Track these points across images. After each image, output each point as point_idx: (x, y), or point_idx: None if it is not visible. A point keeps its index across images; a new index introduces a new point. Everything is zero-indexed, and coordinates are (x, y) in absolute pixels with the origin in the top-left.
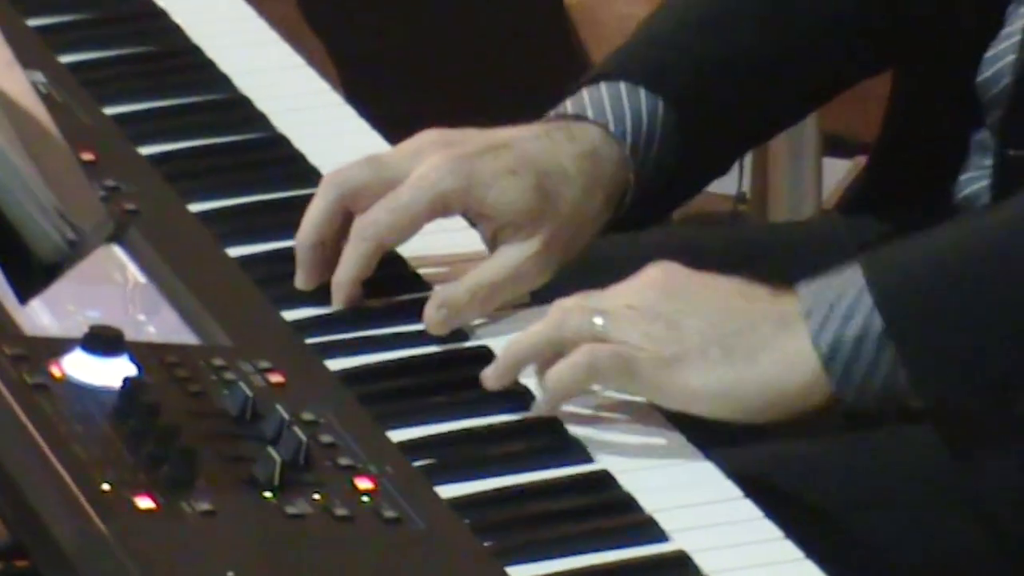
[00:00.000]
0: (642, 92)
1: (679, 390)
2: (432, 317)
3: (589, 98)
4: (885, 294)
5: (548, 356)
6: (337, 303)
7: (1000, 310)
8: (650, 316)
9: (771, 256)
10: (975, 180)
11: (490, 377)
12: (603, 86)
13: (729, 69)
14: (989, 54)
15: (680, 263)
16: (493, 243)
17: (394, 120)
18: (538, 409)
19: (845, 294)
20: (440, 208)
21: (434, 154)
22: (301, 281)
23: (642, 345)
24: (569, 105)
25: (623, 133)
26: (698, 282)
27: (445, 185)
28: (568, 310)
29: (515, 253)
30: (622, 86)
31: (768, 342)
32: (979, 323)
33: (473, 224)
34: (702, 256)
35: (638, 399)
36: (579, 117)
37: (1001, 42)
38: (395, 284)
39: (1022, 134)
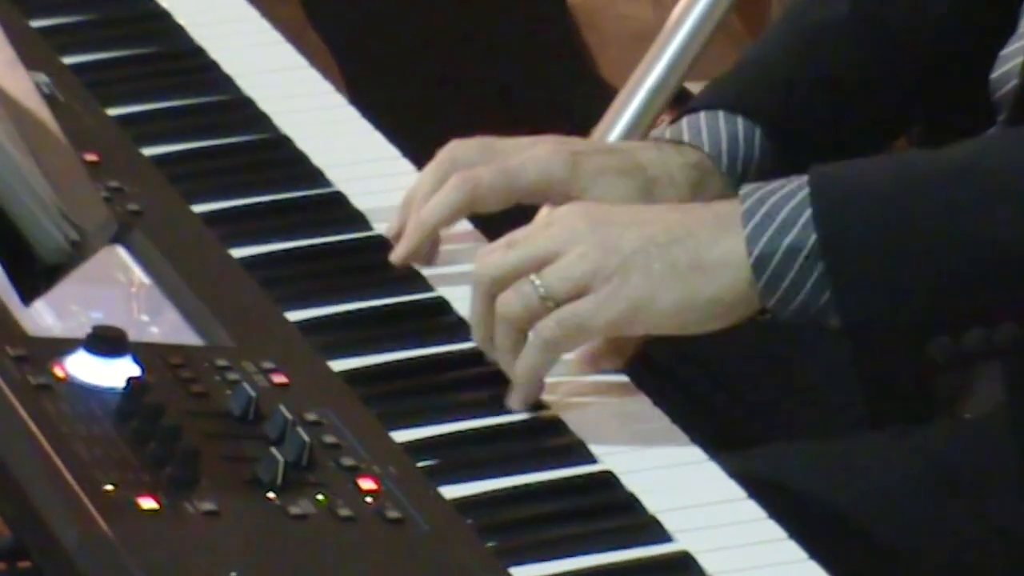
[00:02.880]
0: (740, 120)
1: (632, 322)
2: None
3: (687, 125)
4: (826, 210)
5: (520, 341)
6: (408, 242)
7: (937, 248)
8: (582, 255)
9: None
10: None
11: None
12: (702, 115)
13: (820, 91)
14: (1004, 51)
15: None
16: None
17: (398, 121)
18: (519, 403)
19: (785, 204)
20: (542, 190)
21: (549, 145)
22: (399, 255)
23: (586, 288)
24: (667, 132)
25: (718, 155)
26: (624, 209)
27: (554, 172)
28: (503, 297)
29: None
30: (720, 115)
31: (708, 248)
32: (914, 258)
33: None
34: None
35: (639, 399)
36: (680, 142)
37: (1015, 41)
38: (400, 285)
39: None
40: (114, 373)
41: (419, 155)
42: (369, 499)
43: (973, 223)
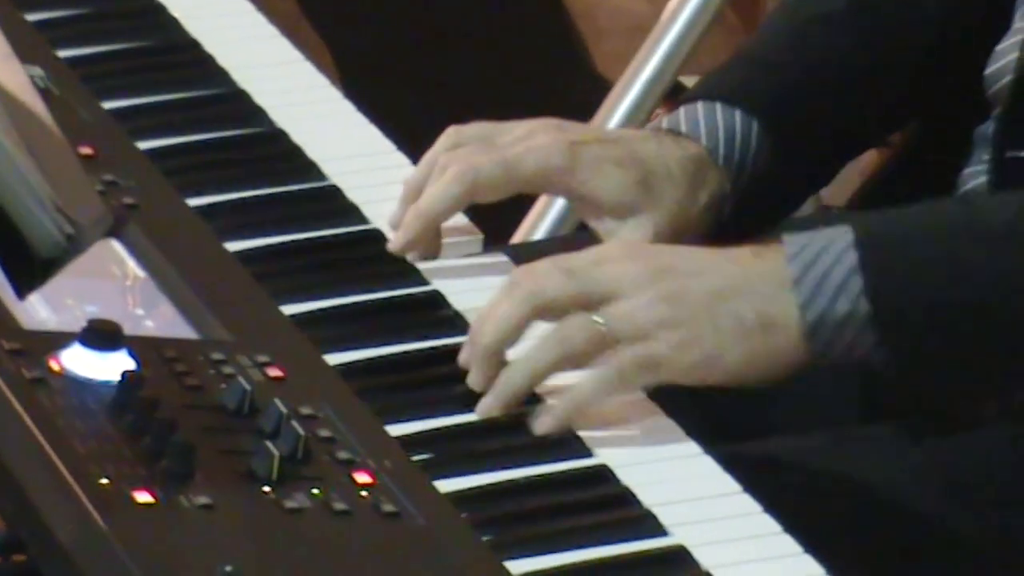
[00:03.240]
0: (737, 113)
1: (701, 372)
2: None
3: (685, 115)
4: (877, 279)
5: (558, 366)
6: (407, 232)
7: (990, 317)
8: (649, 301)
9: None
10: (977, 175)
11: (494, 407)
12: (699, 106)
13: (815, 82)
14: (999, 47)
15: None
16: (595, 232)
17: (393, 114)
18: (550, 428)
19: (835, 269)
20: (541, 180)
21: (548, 135)
22: (394, 243)
23: (653, 336)
24: (665, 121)
25: (715, 147)
26: (673, 251)
27: (553, 162)
28: (565, 325)
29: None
30: (718, 107)
31: (769, 305)
32: (968, 330)
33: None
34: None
35: (634, 393)
36: (678, 133)
37: (1010, 37)
38: (395, 279)
39: (1020, 135)
40: (109, 367)
41: (414, 149)
42: (364, 493)
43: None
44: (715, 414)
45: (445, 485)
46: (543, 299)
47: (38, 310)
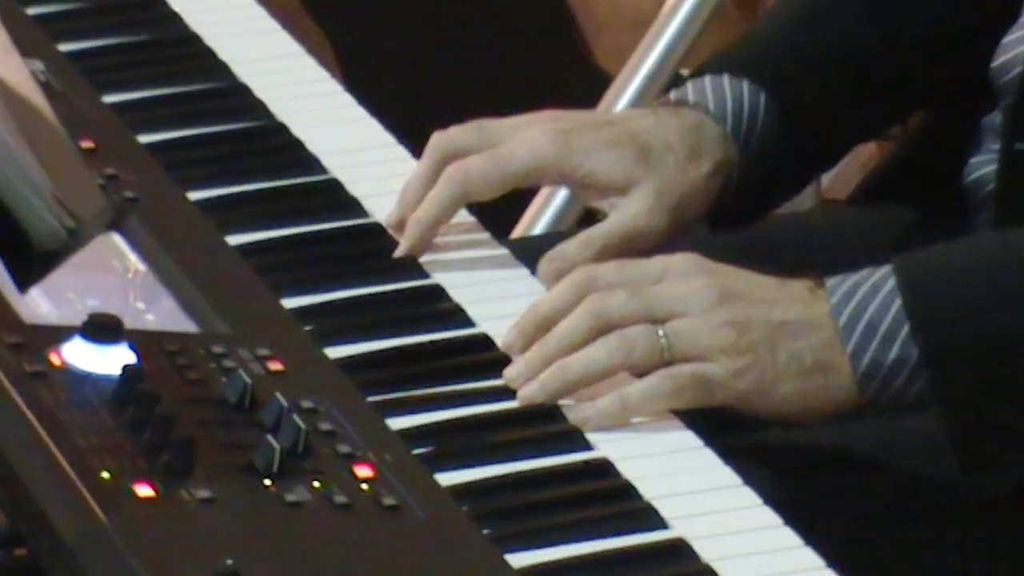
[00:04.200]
0: (745, 83)
1: (751, 403)
2: (545, 270)
3: (692, 88)
4: (925, 325)
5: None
6: (408, 241)
7: None
8: (714, 324)
9: (774, 244)
10: (984, 164)
11: (529, 394)
12: (707, 78)
13: (824, 57)
14: (1006, 40)
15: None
16: (602, 212)
17: (393, 107)
18: (600, 420)
19: (882, 317)
20: (535, 171)
21: (539, 126)
22: (401, 248)
23: (713, 358)
24: (672, 94)
25: (723, 115)
26: (741, 277)
27: (544, 153)
28: (629, 333)
29: (624, 211)
30: (725, 78)
31: (828, 349)
32: (1017, 367)
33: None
34: (708, 243)
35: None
36: (682, 103)
37: (1016, 30)
38: (396, 272)
39: None
40: (110, 360)
41: (415, 142)
42: (365, 486)
43: None
44: (714, 407)
45: (446, 478)
46: (607, 319)
47: (39, 304)
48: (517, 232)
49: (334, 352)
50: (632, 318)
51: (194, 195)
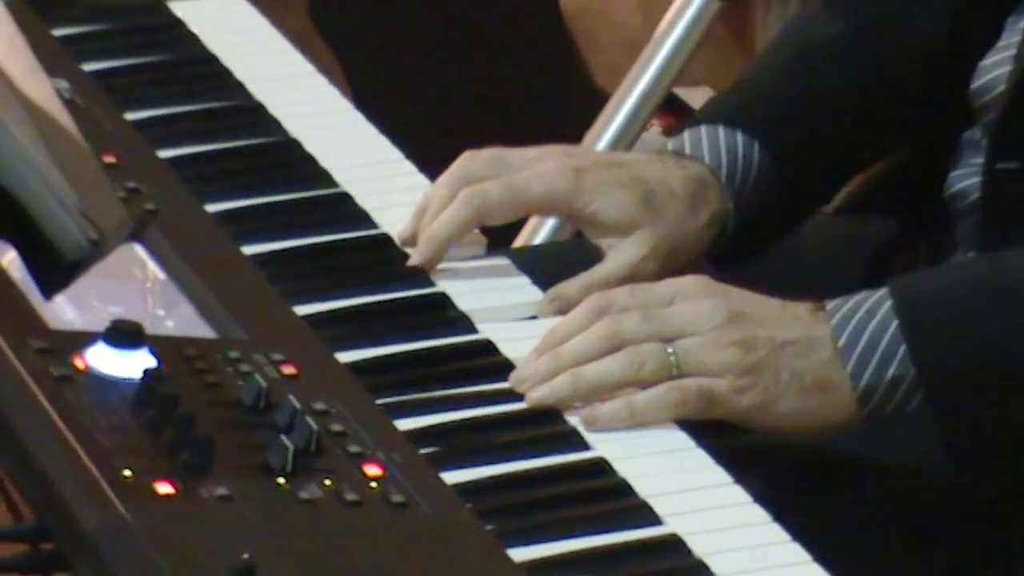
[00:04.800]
0: (739, 134)
1: (753, 418)
2: (547, 308)
3: (689, 138)
4: (921, 345)
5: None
6: (421, 254)
7: None
8: (721, 343)
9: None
10: (964, 177)
11: (541, 396)
12: (703, 128)
13: (812, 104)
14: (985, 62)
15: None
16: (602, 249)
17: (401, 124)
18: (608, 423)
19: (880, 337)
20: (546, 204)
21: (554, 160)
22: (415, 259)
23: (719, 375)
24: (670, 144)
25: (719, 166)
26: (746, 298)
27: (557, 187)
28: (641, 349)
29: (622, 255)
30: (720, 129)
31: (829, 369)
32: (1011, 384)
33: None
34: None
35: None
36: (681, 155)
37: (997, 53)
38: (403, 281)
39: (1011, 147)
40: (132, 365)
41: (422, 157)
42: (374, 484)
43: None
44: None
45: (451, 477)
46: (620, 338)
47: (64, 310)
48: (518, 243)
49: (345, 357)
50: (644, 338)
51: (211, 207)
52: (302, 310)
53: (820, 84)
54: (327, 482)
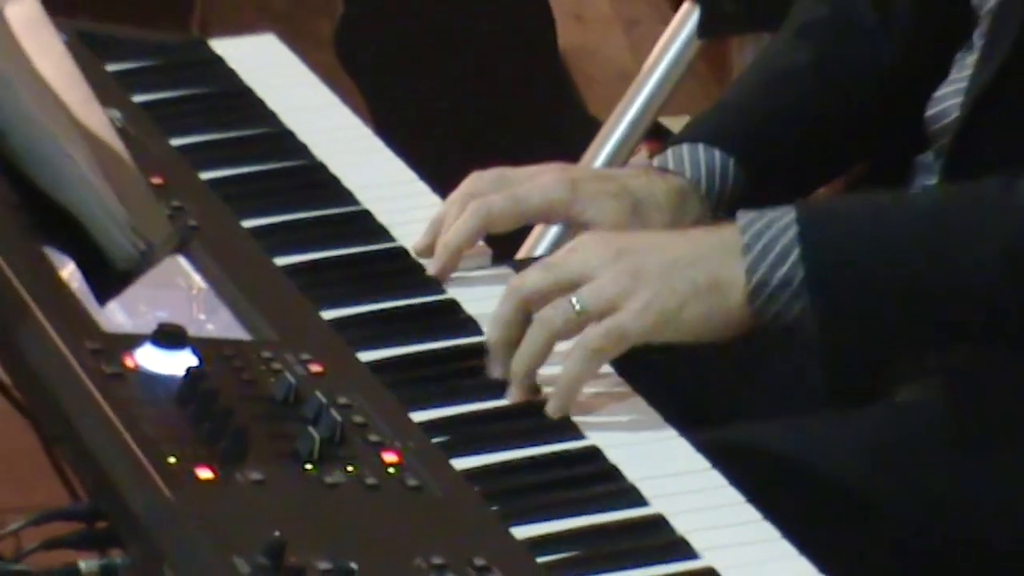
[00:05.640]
0: (716, 152)
1: (666, 331)
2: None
3: (672, 155)
4: (811, 246)
5: (548, 348)
6: (437, 261)
7: (906, 286)
8: (612, 276)
9: None
10: None
11: (513, 394)
12: (685, 147)
13: (783, 125)
14: (938, 93)
15: None
16: None
17: (415, 149)
18: (558, 409)
19: (779, 240)
20: (546, 212)
21: (552, 173)
22: (431, 269)
23: (619, 306)
24: (656, 160)
25: (699, 180)
26: (639, 237)
27: (555, 195)
28: (546, 312)
29: None
30: (700, 148)
31: (720, 270)
32: (888, 295)
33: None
34: None
35: (621, 386)
36: (665, 170)
37: (948, 85)
38: (418, 288)
39: (962, 171)
40: (176, 363)
41: (434, 179)
42: (391, 470)
43: (937, 266)
44: (689, 402)
45: (460, 463)
46: (525, 291)
47: (116, 315)
48: (520, 254)
49: (365, 356)
50: (546, 288)
51: (247, 223)
52: (327, 315)
53: (787, 110)
54: (349, 468)
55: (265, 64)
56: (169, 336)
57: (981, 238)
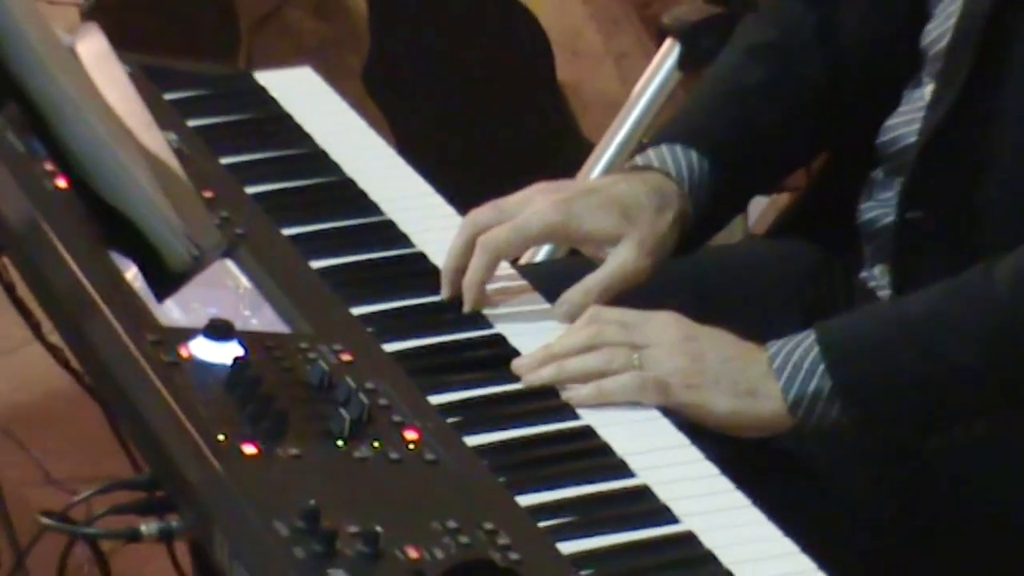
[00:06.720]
0: (693, 152)
1: (697, 409)
2: (556, 312)
3: (654, 154)
4: (834, 361)
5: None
6: (468, 302)
7: (918, 380)
8: (675, 353)
9: (711, 268)
10: (872, 208)
11: (532, 380)
12: (664, 147)
13: (739, 137)
14: (888, 123)
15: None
16: (599, 258)
17: (432, 167)
18: (582, 401)
19: (805, 359)
20: (547, 235)
21: (543, 198)
22: (446, 294)
23: (673, 375)
24: (639, 159)
25: (681, 178)
26: (704, 330)
27: (551, 219)
28: (613, 348)
29: (616, 258)
30: (678, 147)
31: (757, 384)
32: (904, 390)
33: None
34: (663, 270)
35: None
36: (648, 167)
37: (898, 116)
38: (434, 288)
39: (919, 199)
40: (224, 354)
41: (449, 192)
42: (412, 446)
43: (934, 362)
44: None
45: (472, 440)
46: (600, 341)
47: (172, 311)
48: (522, 260)
49: (390, 347)
50: (618, 343)
51: (287, 231)
52: (356, 310)
53: (741, 120)
54: (375, 444)
55: (302, 94)
56: (219, 330)
57: (965, 330)
